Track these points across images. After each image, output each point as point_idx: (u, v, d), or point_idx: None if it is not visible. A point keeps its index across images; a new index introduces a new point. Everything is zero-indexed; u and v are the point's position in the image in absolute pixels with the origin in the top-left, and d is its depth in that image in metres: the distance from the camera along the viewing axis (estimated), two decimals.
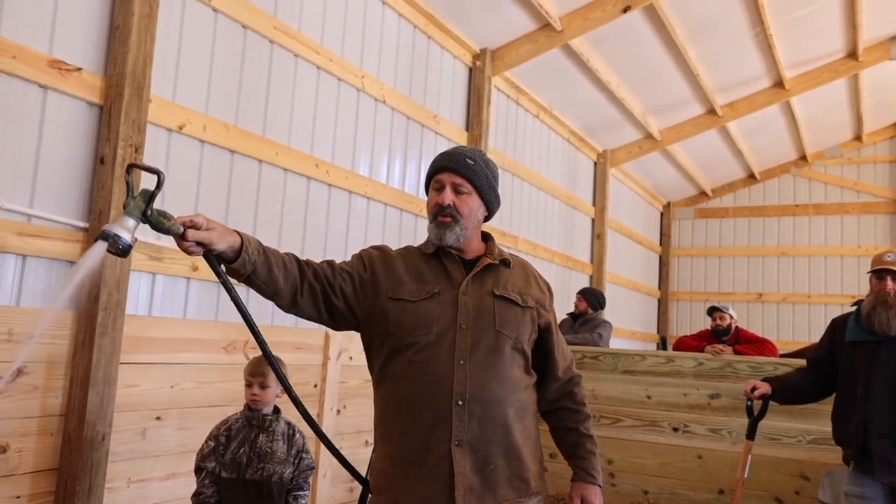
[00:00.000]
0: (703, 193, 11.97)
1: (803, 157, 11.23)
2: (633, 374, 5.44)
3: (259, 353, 3.17)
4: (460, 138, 6.39)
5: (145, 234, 3.65)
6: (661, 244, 12.16)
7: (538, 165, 7.97)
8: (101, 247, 1.46)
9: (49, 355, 3.19)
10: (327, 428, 4.74)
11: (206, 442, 2.77)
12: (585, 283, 8.88)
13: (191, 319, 3.87)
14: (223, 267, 1.73)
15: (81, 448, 3.18)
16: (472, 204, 1.98)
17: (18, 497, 3.08)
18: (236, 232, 1.72)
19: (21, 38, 3.13)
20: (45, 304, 2.80)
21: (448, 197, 1.95)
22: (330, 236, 4.97)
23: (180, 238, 1.63)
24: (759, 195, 11.74)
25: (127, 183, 1.55)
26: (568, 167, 8.71)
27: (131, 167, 1.55)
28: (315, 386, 4.73)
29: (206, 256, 1.68)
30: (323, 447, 4.66)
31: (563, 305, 7.44)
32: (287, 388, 2.00)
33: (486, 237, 2.09)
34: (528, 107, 7.71)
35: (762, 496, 4.73)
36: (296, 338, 4.45)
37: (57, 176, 3.28)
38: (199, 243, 1.63)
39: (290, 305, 1.87)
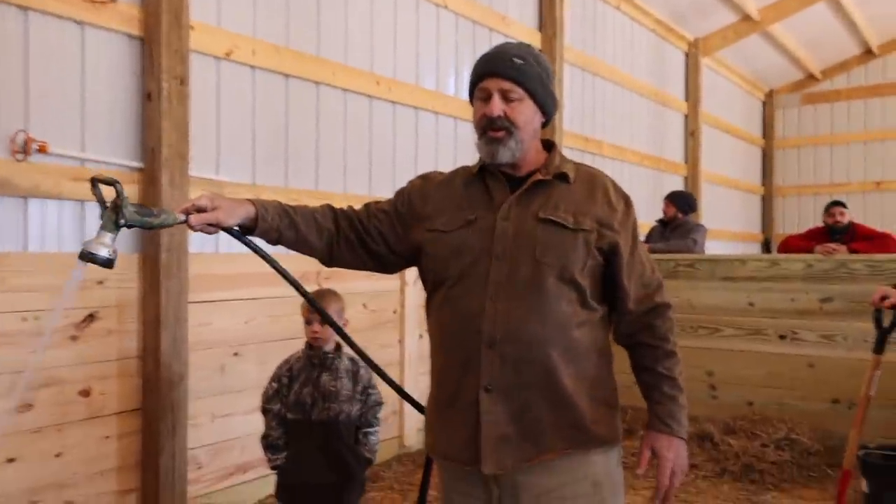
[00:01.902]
0: (810, 77, 10.85)
1: None
2: (732, 280, 5.04)
3: (318, 288, 3.04)
4: (533, 39, 5.91)
5: (203, 168, 3.54)
6: (763, 136, 11.23)
7: (622, 62, 7.36)
8: (81, 267, 1.50)
9: (119, 299, 3.18)
10: (410, 352, 4.67)
11: (269, 383, 2.69)
12: (679, 186, 8.31)
13: None
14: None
15: (160, 388, 3.20)
16: (526, 111, 1.66)
17: (107, 437, 3.15)
18: (249, 201, 1.67)
19: None
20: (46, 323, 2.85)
21: (497, 107, 1.64)
22: (398, 157, 4.74)
23: (187, 224, 1.59)
24: (877, 72, 10.51)
25: (96, 196, 1.53)
26: (655, 61, 8.03)
27: (94, 180, 1.54)
28: (394, 312, 4.63)
29: (226, 231, 1.64)
30: (404, 375, 4.62)
31: (657, 212, 6.98)
32: (331, 324, 1.90)
33: (549, 146, 1.79)
34: None
35: (887, 405, 4.31)
36: None
37: (105, 116, 3.19)
38: (209, 224, 1.59)
39: (329, 260, 1.80)
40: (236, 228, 1.65)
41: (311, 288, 3.87)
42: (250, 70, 3.81)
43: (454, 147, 5.19)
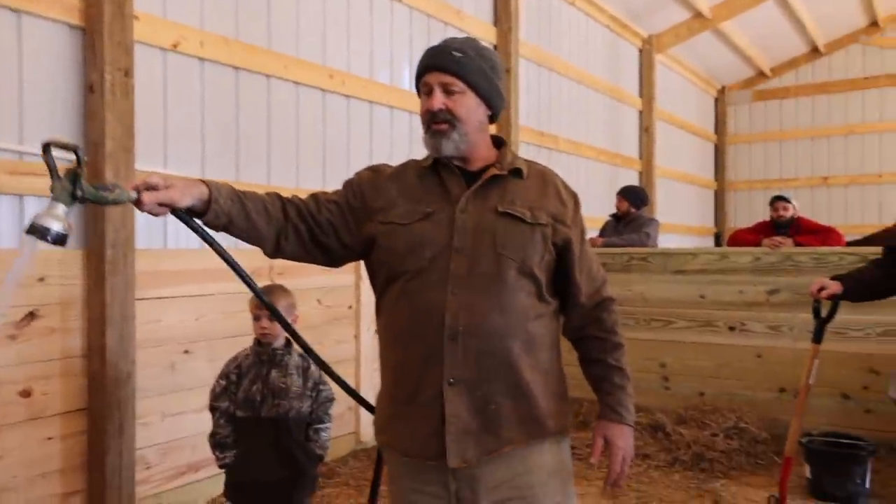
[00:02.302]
0: (761, 74, 11.11)
1: (874, 24, 10.21)
2: (684, 273, 5.13)
3: (267, 284, 3.00)
4: (488, 34, 5.93)
5: (149, 162, 3.46)
6: (716, 132, 11.46)
7: (577, 58, 7.42)
8: (31, 243, 1.35)
9: (62, 297, 3.09)
10: (366, 348, 4.64)
11: (217, 381, 2.65)
12: (635, 181, 8.44)
13: (209, 250, 3.71)
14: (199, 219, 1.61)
15: (106, 387, 3.13)
16: (467, 104, 1.68)
17: (50, 438, 3.06)
18: (202, 182, 1.58)
19: None
20: None
21: (438, 100, 1.66)
22: (352, 152, 4.71)
23: (136, 204, 1.49)
24: (823, 70, 10.81)
25: (48, 164, 1.39)
26: (610, 57, 8.12)
27: (47, 146, 1.39)
28: (350, 307, 4.60)
29: (174, 214, 1.55)
30: (360, 372, 4.59)
31: (611, 206, 7.06)
32: (280, 320, 1.86)
33: (498, 143, 1.80)
34: None
35: (828, 393, 4.47)
36: None
37: (45, 109, 3.09)
38: (160, 204, 1.50)
39: (274, 251, 1.72)
40: (184, 211, 1.56)
41: (262, 283, 3.84)
42: (198, 62, 3.73)
43: (409, 141, 5.18)
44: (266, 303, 1.84)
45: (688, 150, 10.40)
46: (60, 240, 1.36)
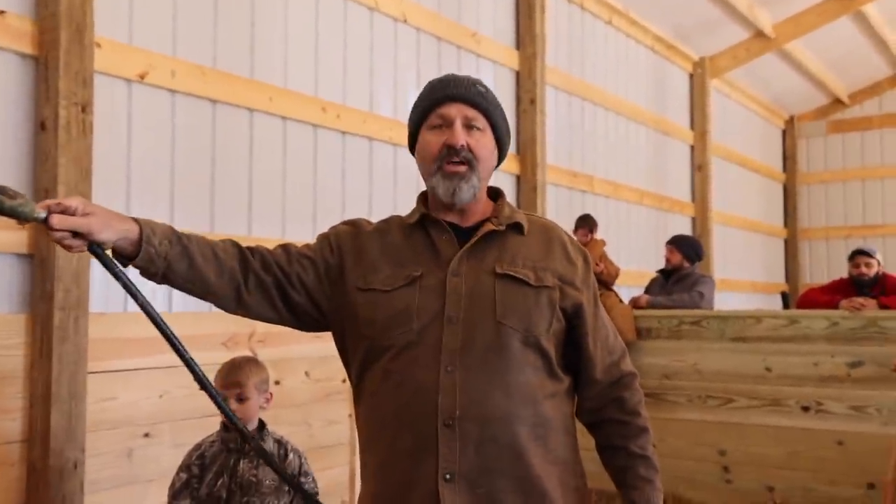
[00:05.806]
0: (837, 101, 11.20)
1: None
2: (745, 341, 5.09)
3: (240, 355, 3.03)
4: (509, 58, 6.06)
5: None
6: (784, 170, 11.50)
7: (615, 85, 7.55)
8: None
9: (0, 370, 3.13)
10: None
11: (176, 474, 2.65)
12: (686, 227, 8.46)
13: (179, 312, 3.76)
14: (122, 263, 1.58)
15: (49, 479, 3.13)
16: (488, 145, 1.76)
17: None
18: (133, 219, 1.56)
19: None
20: None
21: (461, 135, 1.70)
22: (348, 196, 4.78)
23: (46, 225, 1.47)
24: None
25: None
26: (655, 83, 8.25)
27: None
28: (343, 381, 4.60)
29: (91, 251, 1.52)
30: (356, 458, 4.56)
31: (659, 258, 7.08)
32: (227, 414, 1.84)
33: (495, 194, 1.85)
34: (597, 11, 7.28)
35: None
36: None
37: None
38: (74, 233, 1.47)
39: (236, 305, 1.72)
40: (102, 248, 1.51)
41: (244, 352, 3.86)
42: (169, 94, 3.84)
43: (417, 184, 5.24)
44: (205, 382, 1.76)
45: (750, 191, 10.44)
46: None
